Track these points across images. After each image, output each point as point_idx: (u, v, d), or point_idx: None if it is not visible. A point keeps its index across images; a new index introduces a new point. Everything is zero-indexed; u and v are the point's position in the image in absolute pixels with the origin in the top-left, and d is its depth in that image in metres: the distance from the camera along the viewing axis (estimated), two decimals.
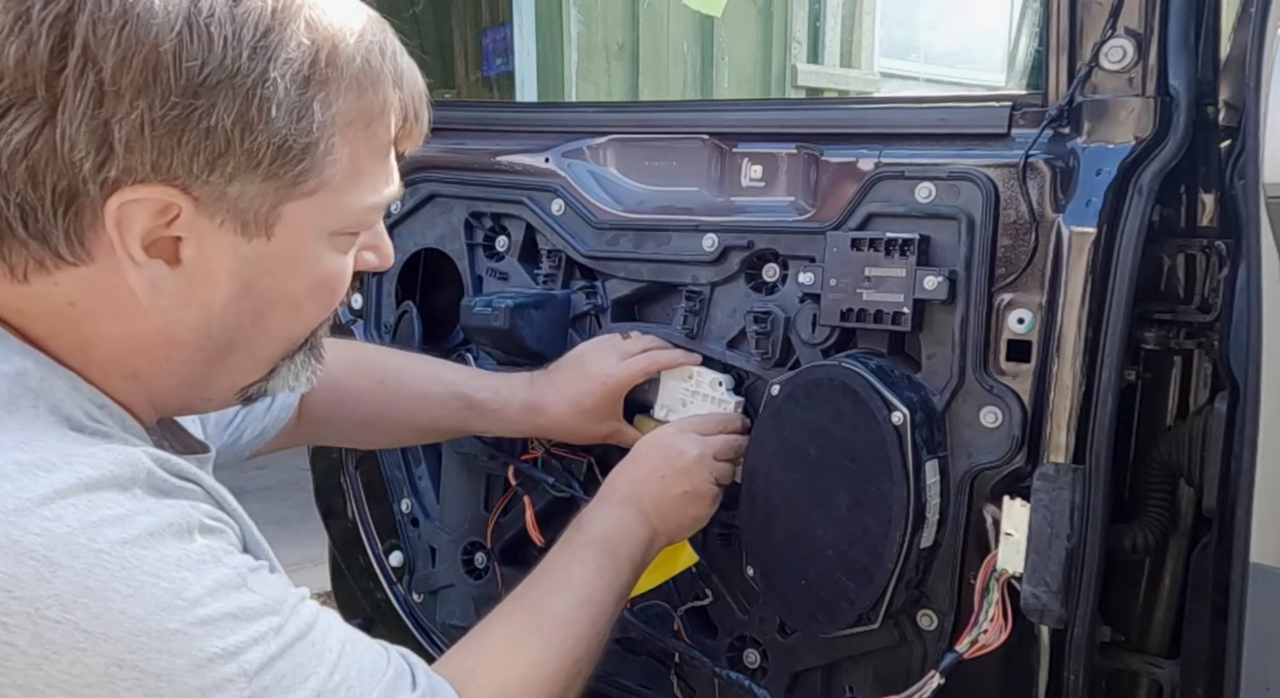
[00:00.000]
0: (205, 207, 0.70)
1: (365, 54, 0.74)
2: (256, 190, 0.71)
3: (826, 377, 1.16)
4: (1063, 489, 1.04)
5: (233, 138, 0.67)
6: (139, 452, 0.70)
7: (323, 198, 0.74)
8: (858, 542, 1.13)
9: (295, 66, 0.69)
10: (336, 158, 0.73)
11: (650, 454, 1.23)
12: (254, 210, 0.72)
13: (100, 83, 0.64)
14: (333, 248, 0.79)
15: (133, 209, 0.68)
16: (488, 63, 4.97)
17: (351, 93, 0.73)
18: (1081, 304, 1.04)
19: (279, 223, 0.74)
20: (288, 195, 0.73)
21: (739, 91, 5.21)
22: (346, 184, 0.75)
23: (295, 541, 3.40)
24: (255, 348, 0.81)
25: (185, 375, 0.79)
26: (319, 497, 1.79)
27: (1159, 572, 1.16)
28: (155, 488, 0.70)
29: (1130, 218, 1.03)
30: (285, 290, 0.78)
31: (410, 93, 0.79)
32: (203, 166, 0.68)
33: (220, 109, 0.66)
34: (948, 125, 1.18)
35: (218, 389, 0.83)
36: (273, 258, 0.75)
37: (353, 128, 0.74)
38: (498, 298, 1.43)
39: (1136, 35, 1.04)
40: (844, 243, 1.18)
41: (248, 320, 0.78)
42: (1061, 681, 1.09)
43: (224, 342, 0.78)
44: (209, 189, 0.69)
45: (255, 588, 0.72)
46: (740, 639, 1.36)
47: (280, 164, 0.70)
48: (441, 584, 1.63)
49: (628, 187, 1.44)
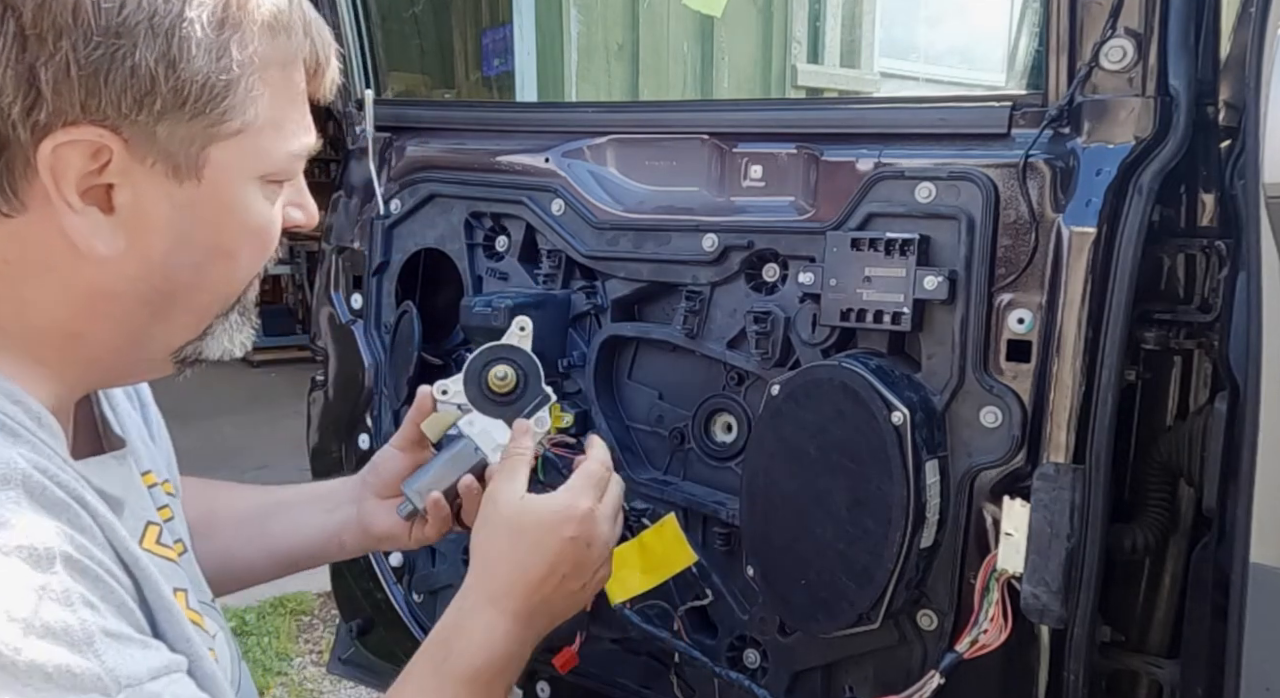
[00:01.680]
0: (136, 148, 0.71)
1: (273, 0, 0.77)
2: (184, 131, 0.72)
3: (826, 377, 1.16)
4: (1063, 489, 1.04)
5: (157, 76, 0.69)
6: (20, 457, 0.68)
7: (247, 140, 0.76)
8: (858, 542, 1.13)
9: (209, 8, 0.71)
10: (257, 99, 0.75)
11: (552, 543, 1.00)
12: (183, 152, 0.73)
13: (21, 28, 0.65)
14: (262, 196, 0.80)
15: (66, 153, 0.69)
16: (488, 63, 4.97)
17: (265, 35, 0.75)
18: (1081, 304, 1.04)
19: (207, 166, 0.75)
20: (213, 136, 0.74)
21: (739, 91, 5.21)
22: (269, 128, 0.77)
23: None
24: (193, 301, 0.81)
25: (127, 331, 0.79)
26: None
27: (1159, 572, 1.16)
28: (33, 495, 0.67)
29: (1130, 218, 1.03)
30: (220, 239, 0.79)
31: (318, 40, 0.81)
32: (131, 105, 0.69)
33: (143, 48, 0.68)
34: (948, 125, 1.18)
35: (155, 348, 0.83)
36: (205, 204, 0.76)
37: (269, 70, 0.76)
38: (498, 298, 1.43)
39: (1136, 35, 1.04)
40: (844, 243, 1.18)
41: (187, 271, 0.78)
42: (1061, 681, 1.10)
43: (165, 294, 0.78)
44: (138, 129, 0.70)
45: (101, 655, 0.65)
46: (740, 639, 1.36)
47: (204, 102, 0.72)
48: (441, 584, 1.63)
49: (628, 187, 1.44)
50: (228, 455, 5.03)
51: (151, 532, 0.87)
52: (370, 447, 1.68)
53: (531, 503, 1.02)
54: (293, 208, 0.86)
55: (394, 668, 0.92)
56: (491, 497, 1.03)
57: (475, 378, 1.10)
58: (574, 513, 1.02)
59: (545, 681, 1.55)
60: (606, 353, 1.44)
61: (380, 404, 1.66)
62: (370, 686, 1.97)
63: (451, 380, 1.10)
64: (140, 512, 0.87)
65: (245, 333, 0.87)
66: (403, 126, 1.67)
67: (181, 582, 0.88)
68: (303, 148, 0.82)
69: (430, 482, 1.11)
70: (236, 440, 5.52)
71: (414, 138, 1.65)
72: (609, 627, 1.43)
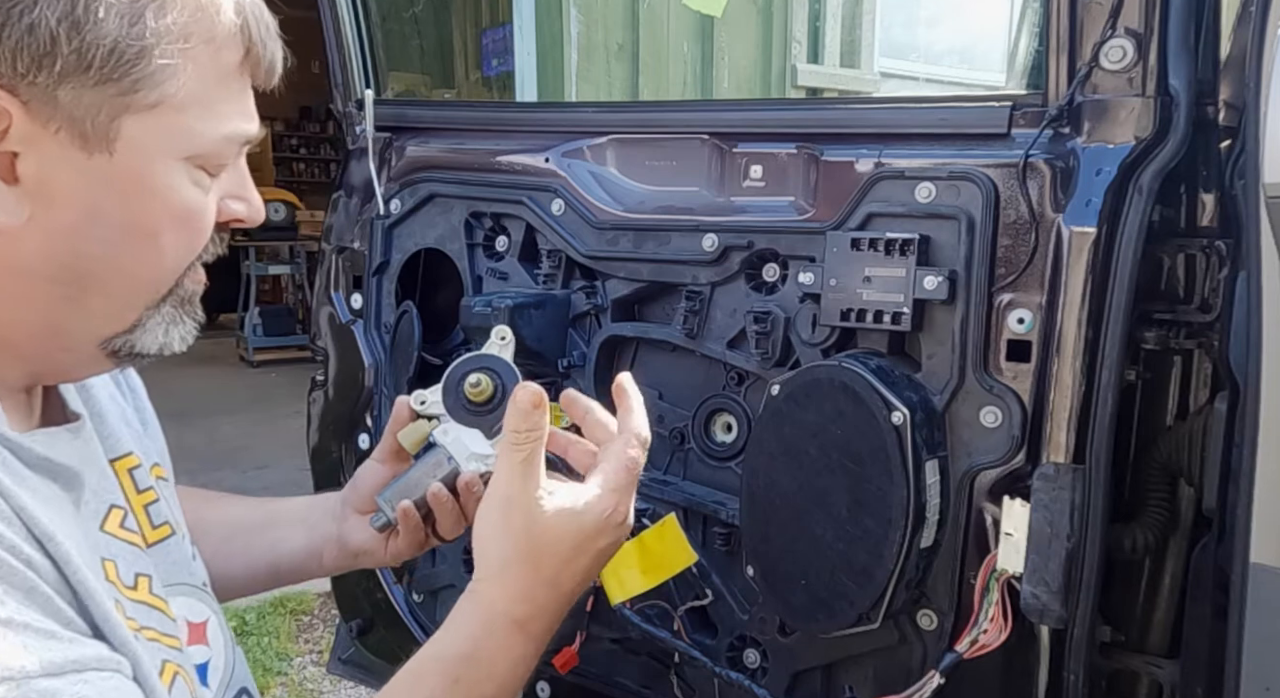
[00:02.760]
0: (37, 112, 0.69)
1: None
2: (91, 98, 0.70)
3: (826, 377, 1.16)
4: (1063, 489, 1.04)
5: (59, 36, 0.67)
6: None
7: (166, 116, 0.73)
8: (858, 542, 1.13)
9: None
10: (177, 72, 0.72)
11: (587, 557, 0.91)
12: (91, 120, 0.70)
13: None
14: (189, 179, 0.77)
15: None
16: (487, 63, 4.98)
17: (187, 8, 0.72)
18: (1081, 304, 1.04)
19: (120, 139, 0.72)
20: (125, 106, 0.71)
21: (739, 91, 5.21)
22: (194, 106, 0.74)
23: None
24: (112, 287, 0.77)
25: (41, 315, 0.76)
26: None
27: (1159, 572, 1.16)
28: None
29: (1130, 218, 1.03)
30: (138, 218, 0.75)
31: (254, 20, 0.78)
32: (28, 65, 0.67)
33: (43, 7, 0.66)
34: (948, 125, 1.18)
35: (78, 338, 0.79)
36: (119, 179, 0.73)
37: (193, 45, 0.73)
38: (498, 298, 1.43)
39: (1136, 35, 1.04)
40: (844, 243, 1.18)
41: (99, 250, 0.75)
42: (1061, 681, 1.10)
43: (77, 272, 0.75)
44: (38, 91, 0.68)
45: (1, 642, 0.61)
46: (740, 639, 1.36)
47: (112, 68, 0.69)
48: (442, 584, 1.63)
49: (628, 187, 1.44)
50: (228, 455, 5.02)
51: (115, 515, 0.85)
52: (370, 447, 1.68)
53: (565, 510, 0.88)
54: (233, 200, 0.83)
55: (394, 668, 0.91)
56: (508, 499, 0.89)
57: (454, 388, 1.07)
58: (614, 519, 0.90)
59: (545, 681, 1.56)
60: (606, 353, 1.44)
61: (380, 404, 1.66)
62: (370, 686, 1.97)
63: (430, 390, 1.08)
64: (104, 493, 0.84)
65: (185, 327, 0.83)
66: (403, 126, 1.67)
67: (144, 567, 0.85)
68: (238, 133, 0.78)
69: (400, 490, 1.07)
70: (236, 440, 5.51)
71: (414, 138, 1.65)
72: (609, 627, 1.44)
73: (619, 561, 1.38)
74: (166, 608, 0.86)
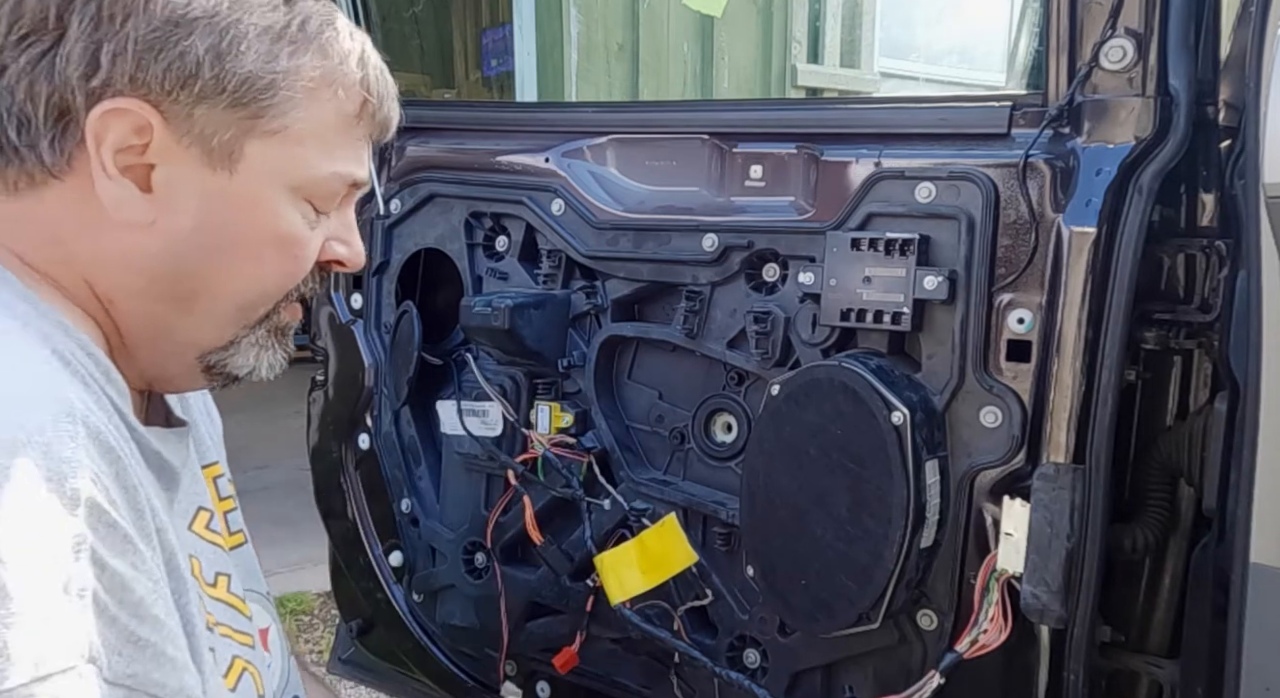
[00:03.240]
0: (174, 127, 0.77)
1: (333, 30, 0.83)
2: (220, 117, 0.78)
3: (826, 377, 1.16)
4: (1063, 489, 1.04)
5: (203, 63, 0.76)
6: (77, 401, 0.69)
7: (285, 144, 0.80)
8: (858, 542, 1.13)
9: (268, 22, 0.79)
10: (299, 105, 0.80)
11: None
12: (218, 138, 0.78)
13: (99, 10, 0.74)
14: (296, 209, 0.84)
15: (109, 121, 0.75)
16: (487, 63, 4.98)
17: (317, 55, 0.81)
18: (1081, 304, 1.04)
19: (242, 160, 0.79)
20: (250, 129, 0.79)
21: (739, 91, 5.21)
22: (310, 140, 0.82)
23: (295, 540, 3.42)
24: (215, 299, 0.83)
25: (150, 312, 0.82)
26: (319, 497, 1.79)
27: (1159, 572, 1.16)
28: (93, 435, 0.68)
29: (1130, 218, 1.03)
30: (245, 235, 0.82)
31: (375, 77, 0.86)
32: (173, 83, 0.75)
33: (196, 38, 0.76)
34: (948, 125, 1.18)
35: (180, 344, 0.85)
36: (236, 196, 0.80)
37: (317, 87, 0.81)
38: (498, 298, 1.43)
39: (1136, 35, 1.04)
40: (844, 243, 1.18)
41: (209, 260, 0.81)
42: (1061, 681, 1.10)
43: (186, 281, 0.81)
44: (177, 108, 0.76)
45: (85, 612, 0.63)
46: (740, 639, 1.36)
47: (244, 93, 0.77)
48: (442, 584, 1.63)
49: (628, 187, 1.44)
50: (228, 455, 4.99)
51: (202, 517, 0.90)
52: (370, 447, 1.68)
53: None
54: (337, 242, 0.89)
55: (394, 668, 0.91)
56: None
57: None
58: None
59: (545, 681, 1.55)
60: (606, 353, 1.44)
61: (380, 404, 1.66)
62: (370, 686, 1.96)
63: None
64: (194, 495, 0.89)
65: (275, 355, 0.89)
66: (403, 126, 1.66)
67: (225, 567, 0.90)
68: (347, 174, 0.85)
69: None
70: (237, 440, 5.48)
71: (414, 138, 1.65)
72: (609, 627, 1.44)
73: (619, 560, 1.38)
74: (244, 606, 0.91)
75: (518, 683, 1.57)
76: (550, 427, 1.46)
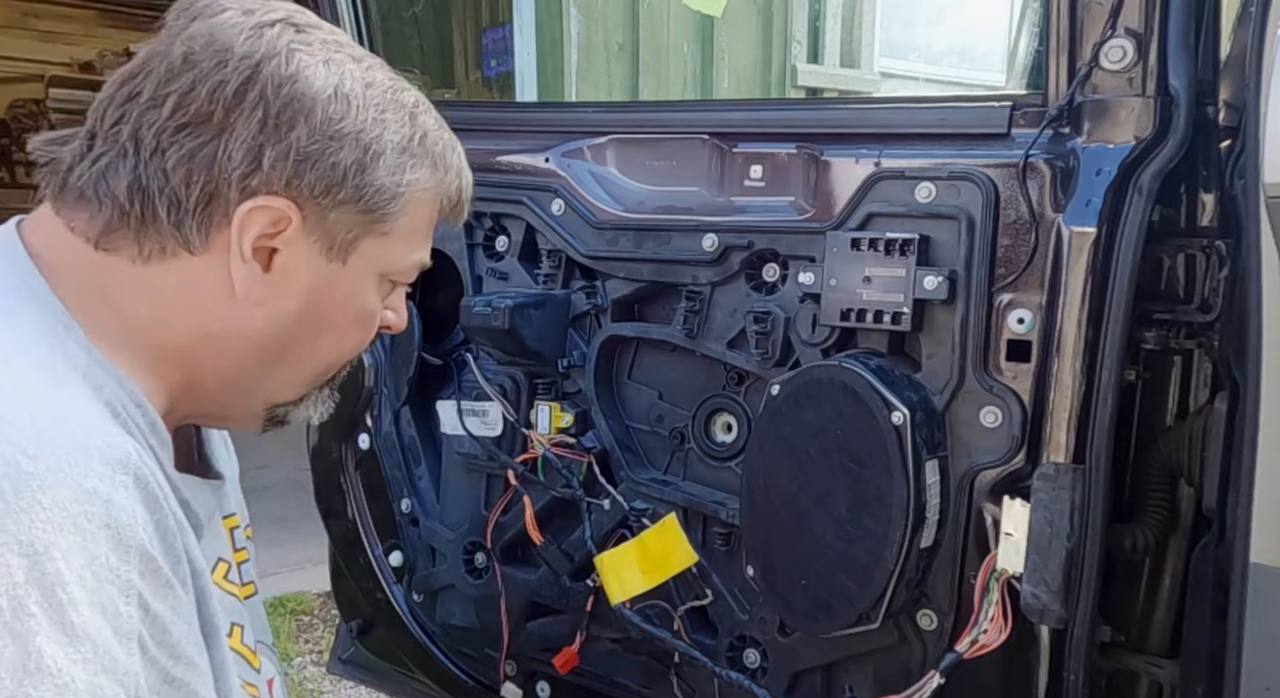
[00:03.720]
0: (309, 224, 0.85)
1: (445, 146, 0.94)
2: (350, 221, 0.86)
3: (826, 377, 1.16)
4: (1063, 489, 1.04)
5: (349, 174, 0.84)
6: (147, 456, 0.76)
7: (390, 242, 0.90)
8: (858, 542, 1.13)
9: (399, 138, 0.88)
10: (409, 212, 0.90)
11: None
12: (341, 237, 0.87)
13: (266, 117, 0.81)
14: (379, 290, 0.94)
15: (256, 214, 0.82)
16: (487, 63, 4.97)
17: (429, 168, 0.91)
18: (1081, 304, 1.04)
19: (355, 253, 0.88)
20: (369, 232, 0.88)
21: (739, 91, 5.21)
22: (408, 237, 0.92)
23: (295, 541, 3.42)
24: (300, 364, 0.93)
25: (237, 371, 0.90)
26: (319, 497, 1.79)
27: (1159, 572, 1.16)
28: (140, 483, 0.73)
29: (1130, 218, 1.03)
30: (338, 314, 0.91)
31: (465, 185, 0.97)
32: (321, 191, 0.84)
33: (346, 152, 0.84)
34: (948, 125, 1.18)
35: (255, 396, 0.94)
36: (342, 284, 0.89)
37: (424, 194, 0.91)
38: (498, 298, 1.43)
39: (1136, 35, 1.04)
40: (844, 243, 1.18)
41: (304, 333, 0.90)
42: (1061, 681, 1.10)
43: (280, 347, 0.90)
44: (317, 210, 0.84)
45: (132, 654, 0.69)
46: (740, 639, 1.36)
47: (373, 203, 0.87)
48: (442, 584, 1.63)
49: (628, 186, 1.44)
50: None
51: (221, 567, 0.95)
52: (370, 447, 1.68)
53: None
54: (390, 310, 0.98)
55: (394, 668, 0.92)
56: None
57: None
58: None
59: (545, 680, 1.55)
60: (606, 353, 1.44)
61: (380, 404, 1.66)
62: (370, 685, 1.96)
63: None
64: (215, 546, 0.95)
65: (327, 405, 1.00)
66: None
67: (240, 618, 0.96)
68: (420, 261, 0.96)
69: None
70: (236, 440, 5.49)
71: None
72: (609, 627, 1.44)
73: (619, 560, 1.38)
74: (254, 659, 0.97)
75: (518, 683, 1.57)
76: (550, 427, 1.46)
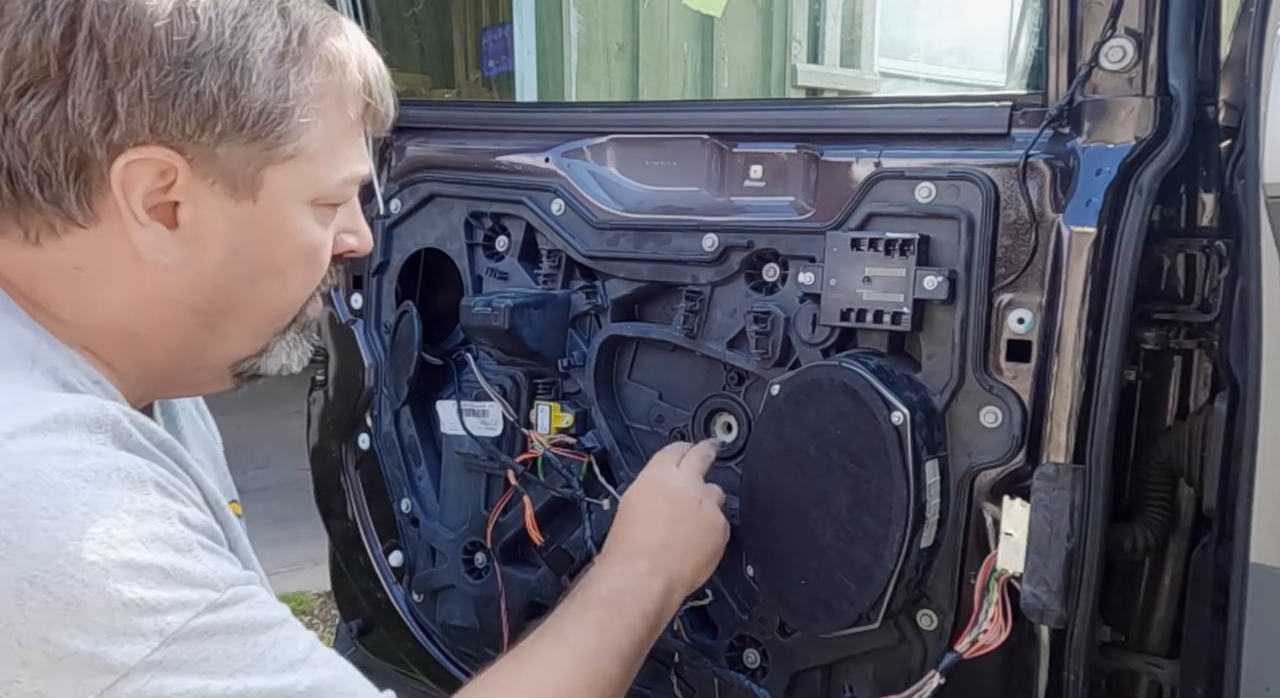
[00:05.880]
0: (198, 168, 0.78)
1: (332, 38, 0.83)
2: (242, 153, 0.79)
3: (826, 377, 1.16)
4: (1063, 489, 1.04)
5: (219, 101, 0.76)
6: (111, 405, 0.73)
7: (300, 165, 0.82)
8: (858, 542, 1.13)
9: (271, 44, 0.78)
10: (311, 127, 0.81)
11: (643, 503, 1.19)
12: (240, 172, 0.79)
13: (104, 58, 0.73)
14: (314, 219, 0.86)
15: (135, 170, 0.75)
16: (487, 63, 4.97)
17: (321, 70, 0.82)
18: (1081, 304, 1.04)
19: (263, 187, 0.81)
20: (269, 159, 0.80)
21: (739, 91, 5.21)
22: (322, 155, 0.83)
23: (295, 541, 3.42)
24: (246, 316, 0.86)
25: (180, 338, 0.85)
26: (319, 497, 1.79)
27: (1159, 572, 1.16)
28: (120, 440, 0.72)
29: (1130, 218, 1.03)
30: (272, 256, 0.85)
31: (373, 76, 0.88)
32: (194, 128, 0.76)
33: (208, 76, 0.75)
34: (948, 125, 1.18)
35: (212, 359, 0.88)
36: (260, 222, 0.82)
37: (324, 102, 0.82)
38: (498, 298, 1.43)
39: (1136, 35, 1.04)
40: (844, 243, 1.18)
41: (238, 285, 0.84)
42: (1061, 681, 1.10)
43: (217, 304, 0.84)
44: (200, 150, 0.77)
45: (201, 559, 0.71)
46: (740, 639, 1.36)
47: (261, 126, 0.78)
48: (442, 584, 1.63)
49: (628, 186, 1.44)
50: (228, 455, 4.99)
51: None
52: (370, 447, 1.68)
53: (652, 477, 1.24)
54: (347, 234, 0.91)
55: (394, 668, 0.92)
56: None
57: None
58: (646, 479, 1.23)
59: None
60: (606, 353, 1.44)
61: (380, 404, 1.66)
62: None
63: None
64: None
65: (303, 349, 0.93)
66: (403, 126, 1.66)
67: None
68: (354, 176, 0.88)
69: None
70: (237, 440, 5.47)
71: (414, 138, 1.64)
72: None
73: None
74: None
75: None
76: (550, 427, 1.46)
